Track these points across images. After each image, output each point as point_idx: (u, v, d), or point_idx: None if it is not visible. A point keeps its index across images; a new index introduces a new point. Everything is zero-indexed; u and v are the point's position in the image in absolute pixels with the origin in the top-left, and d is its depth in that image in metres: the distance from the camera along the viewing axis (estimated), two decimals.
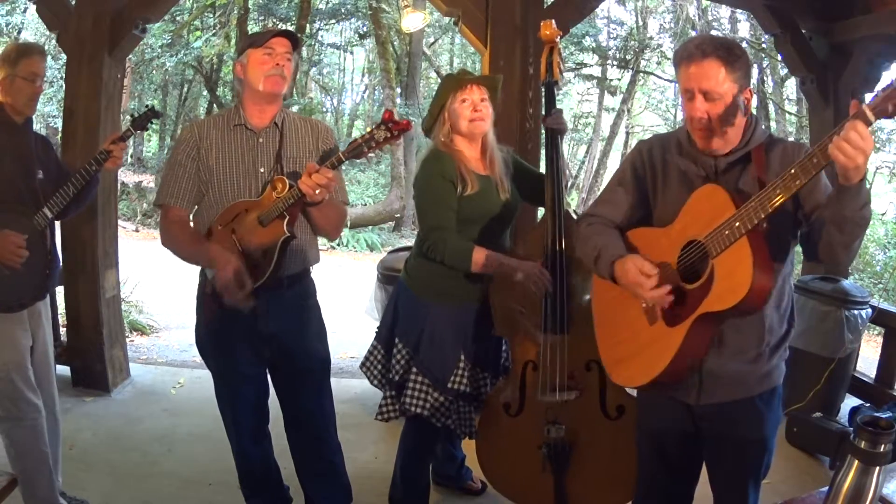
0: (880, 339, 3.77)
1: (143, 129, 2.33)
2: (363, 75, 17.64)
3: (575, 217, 2.21)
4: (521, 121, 3.15)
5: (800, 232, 1.60)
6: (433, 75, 15.00)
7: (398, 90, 12.12)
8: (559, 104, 2.30)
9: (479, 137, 2.24)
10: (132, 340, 5.04)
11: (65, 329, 3.66)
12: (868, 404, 3.28)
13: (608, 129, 14.68)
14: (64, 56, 3.66)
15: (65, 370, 3.45)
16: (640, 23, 13.02)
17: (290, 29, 9.90)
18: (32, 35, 11.46)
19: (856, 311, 3.21)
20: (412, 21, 5.97)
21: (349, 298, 5.65)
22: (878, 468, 1.17)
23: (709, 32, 11.01)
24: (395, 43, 12.19)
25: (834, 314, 3.19)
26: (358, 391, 3.74)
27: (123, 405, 3.43)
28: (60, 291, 3.56)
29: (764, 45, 10.46)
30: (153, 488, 2.67)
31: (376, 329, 2.49)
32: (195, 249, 1.99)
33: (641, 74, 13.55)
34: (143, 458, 2.90)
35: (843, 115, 1.29)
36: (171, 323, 5.60)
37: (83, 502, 2.46)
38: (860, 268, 8.77)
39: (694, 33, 11.45)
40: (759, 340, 1.62)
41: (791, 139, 1.88)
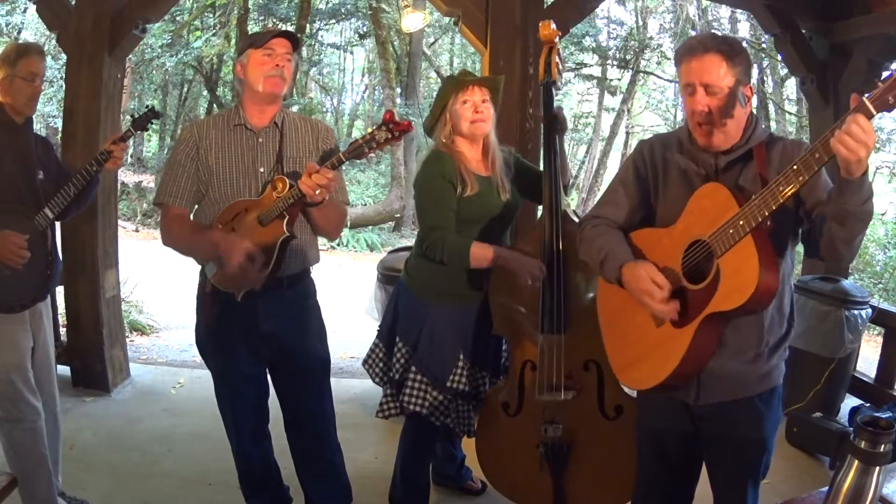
0: (880, 339, 3.77)
1: (144, 129, 2.33)
2: (363, 75, 17.64)
3: (575, 218, 2.21)
4: (521, 121, 3.15)
5: (801, 230, 1.59)
6: (433, 75, 15.00)
7: (398, 90, 12.12)
8: (559, 104, 2.30)
9: (481, 138, 2.25)
10: (132, 340, 5.04)
11: (65, 329, 3.67)
12: (868, 404, 3.28)
13: (608, 129, 14.68)
14: (64, 56, 3.66)
15: (65, 370, 3.45)
16: (640, 23, 13.03)
17: (290, 29, 9.91)
18: (32, 35, 11.46)
19: (856, 311, 3.21)
20: (412, 21, 5.96)
21: (349, 298, 5.65)
22: (878, 468, 1.16)
23: (710, 31, 11.01)
24: (395, 43, 12.18)
25: (834, 314, 3.19)
26: (358, 391, 3.74)
27: (123, 405, 3.43)
28: (60, 291, 3.56)
29: (764, 45, 10.46)
30: (153, 488, 2.67)
31: (377, 327, 2.49)
32: (197, 240, 1.98)
33: (641, 74, 13.55)
34: (143, 458, 2.90)
35: (842, 114, 1.29)
36: (171, 323, 5.60)
37: (83, 502, 2.46)
38: (860, 268, 8.76)
39: (694, 33, 11.45)
40: (758, 340, 1.61)
41: (791, 139, 1.87)
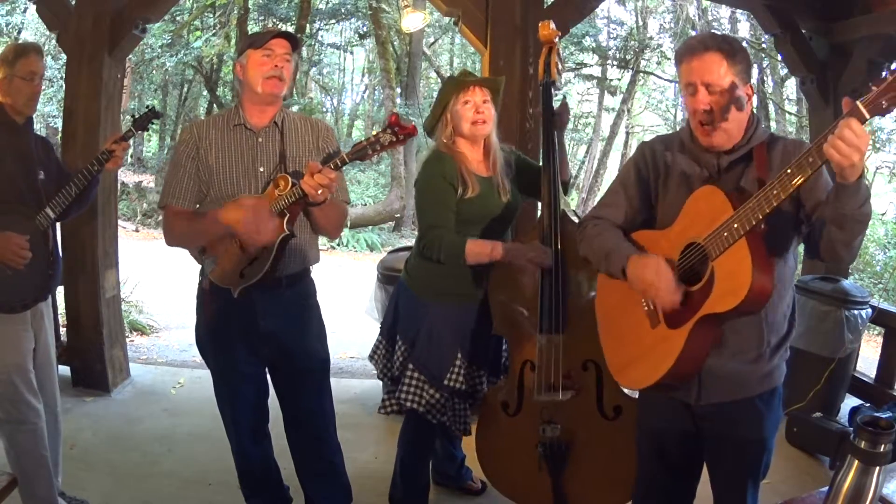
0: (880, 339, 3.77)
1: (144, 129, 2.33)
2: (363, 75, 17.65)
3: (574, 218, 2.21)
4: (521, 121, 3.15)
5: (803, 230, 1.59)
6: (433, 75, 15.00)
7: (398, 90, 12.12)
8: (558, 103, 2.30)
9: (482, 139, 2.24)
10: (132, 340, 5.04)
11: (65, 329, 3.66)
12: (868, 404, 3.28)
13: (608, 129, 14.70)
14: (64, 56, 3.65)
15: (65, 370, 3.45)
16: (640, 23, 13.03)
17: (290, 29, 9.92)
18: (32, 35, 11.45)
19: (856, 311, 3.21)
20: (412, 21, 5.96)
21: (349, 298, 5.65)
22: (878, 468, 1.17)
23: (709, 31, 11.01)
24: (395, 43, 12.18)
25: (834, 314, 3.20)
26: (358, 391, 3.74)
27: (123, 405, 3.43)
28: (60, 291, 3.55)
29: (764, 45, 10.46)
30: (153, 488, 2.67)
31: (380, 324, 2.50)
32: (200, 225, 1.97)
33: (641, 74, 13.56)
34: (143, 458, 2.90)
35: (842, 114, 1.28)
36: (171, 323, 5.60)
37: (83, 502, 2.46)
38: (860, 268, 8.77)
39: (694, 33, 11.45)
40: (759, 340, 1.61)
41: (792, 138, 1.87)
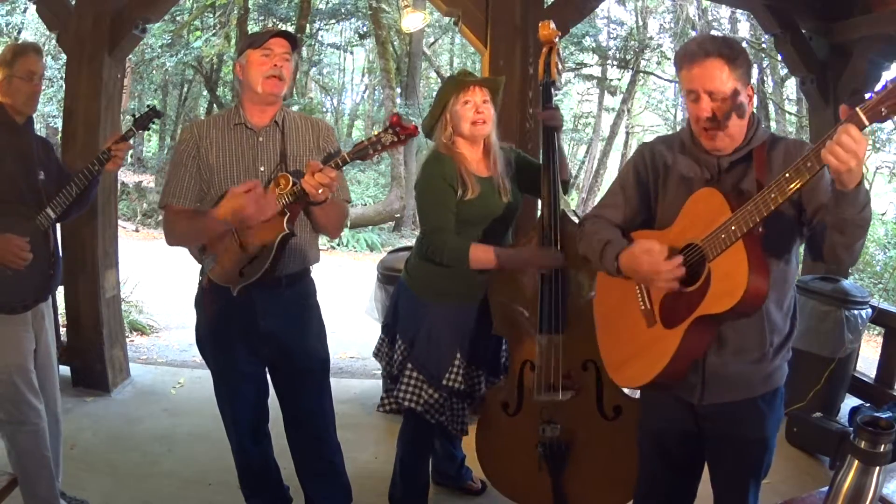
0: (880, 339, 3.77)
1: (145, 128, 2.34)
2: (363, 75, 17.65)
3: (574, 218, 2.21)
4: (521, 121, 3.15)
5: (804, 231, 1.60)
6: (433, 75, 15.00)
7: (398, 90, 12.12)
8: (559, 104, 2.30)
9: (482, 139, 2.24)
10: (132, 340, 5.04)
11: (65, 329, 3.66)
12: (868, 404, 3.28)
13: (608, 129, 14.70)
14: (64, 56, 3.65)
15: (65, 370, 3.44)
16: (640, 23, 13.03)
17: (290, 29, 9.91)
18: (32, 35, 11.45)
19: (856, 311, 3.21)
20: (412, 21, 5.96)
21: (349, 298, 5.65)
22: (878, 468, 1.17)
23: (709, 32, 11.01)
24: (395, 43, 12.18)
25: (834, 314, 3.19)
26: (358, 391, 3.74)
27: (123, 405, 3.43)
28: (60, 291, 3.55)
29: (764, 45, 10.46)
30: (153, 488, 2.67)
31: (381, 324, 2.51)
32: (199, 223, 1.96)
33: (641, 74, 13.56)
34: (143, 458, 2.90)
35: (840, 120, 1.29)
36: (171, 323, 5.60)
37: (83, 502, 2.46)
38: (860, 268, 8.77)
39: (694, 33, 11.45)
40: (761, 341, 1.62)
41: (793, 138, 1.87)
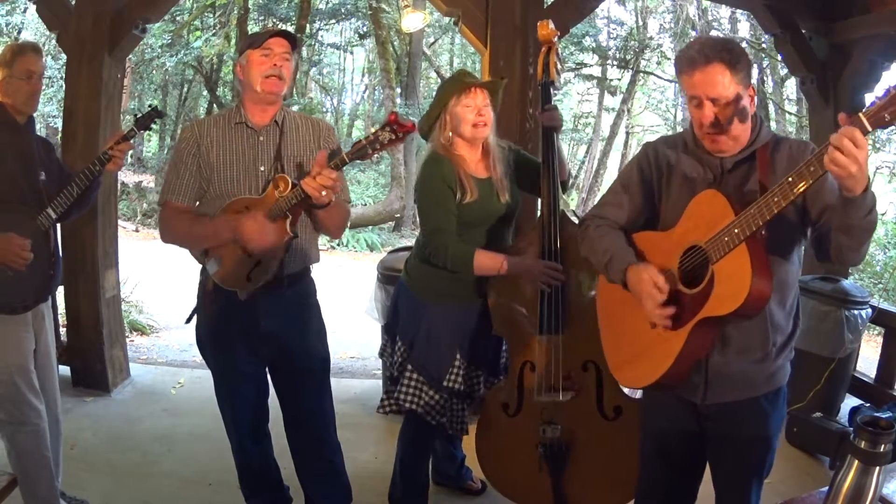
0: (880, 339, 3.77)
1: (147, 128, 2.33)
2: (363, 75, 17.65)
3: (574, 218, 2.21)
4: (521, 121, 3.15)
5: (809, 233, 1.60)
6: (433, 75, 15.00)
7: (398, 90, 12.12)
8: (558, 104, 2.30)
9: (481, 142, 2.24)
10: (132, 340, 5.04)
11: (65, 329, 3.66)
12: (868, 404, 3.28)
13: (608, 129, 14.70)
14: (64, 56, 3.65)
15: (65, 370, 3.44)
16: (640, 23, 13.03)
17: (290, 29, 9.90)
18: (32, 35, 11.44)
19: (856, 311, 3.21)
20: (412, 21, 5.96)
21: (349, 298, 5.65)
22: (878, 468, 1.17)
23: (709, 33, 11.02)
24: (395, 43, 12.18)
25: (834, 314, 3.19)
26: (358, 391, 3.74)
27: (123, 405, 3.43)
28: (60, 291, 3.55)
29: (764, 45, 10.46)
30: (153, 488, 2.67)
31: (381, 324, 2.50)
32: (205, 230, 1.96)
33: (641, 74, 13.56)
34: (143, 458, 2.90)
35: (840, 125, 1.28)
36: (171, 323, 5.59)
37: (83, 502, 2.46)
38: (860, 268, 8.75)
39: (694, 33, 11.45)
40: (764, 340, 1.62)
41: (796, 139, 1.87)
